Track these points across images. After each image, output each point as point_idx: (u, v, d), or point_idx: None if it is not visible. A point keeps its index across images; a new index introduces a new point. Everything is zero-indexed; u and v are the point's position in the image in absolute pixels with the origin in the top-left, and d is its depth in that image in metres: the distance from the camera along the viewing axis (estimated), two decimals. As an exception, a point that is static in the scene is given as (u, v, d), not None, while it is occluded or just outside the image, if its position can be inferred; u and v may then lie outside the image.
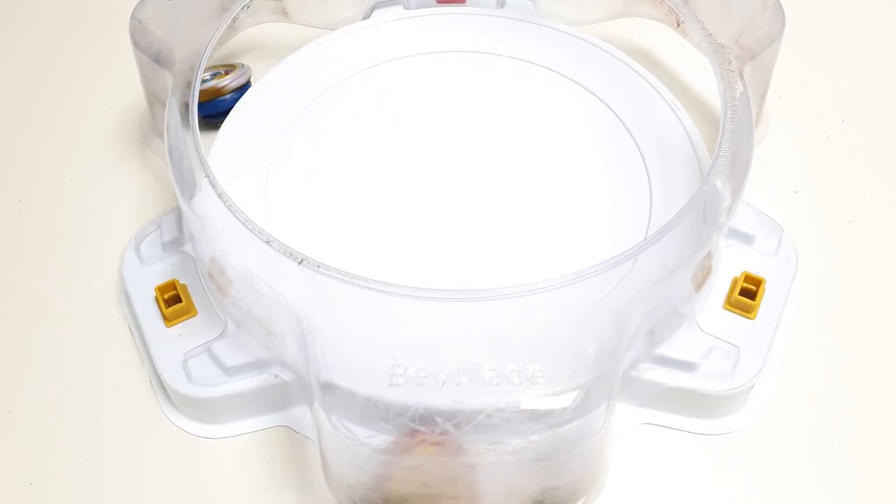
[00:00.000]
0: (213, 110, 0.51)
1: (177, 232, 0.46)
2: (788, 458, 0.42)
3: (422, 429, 0.35)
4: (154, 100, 0.49)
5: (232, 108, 0.50)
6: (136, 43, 0.47)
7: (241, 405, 0.42)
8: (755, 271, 0.45)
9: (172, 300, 0.44)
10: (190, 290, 0.44)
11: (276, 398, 0.42)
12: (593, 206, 0.47)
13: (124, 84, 0.54)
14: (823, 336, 0.46)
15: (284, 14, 0.54)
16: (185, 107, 0.44)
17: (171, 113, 0.44)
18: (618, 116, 0.50)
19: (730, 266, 0.45)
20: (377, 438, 0.36)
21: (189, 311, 0.44)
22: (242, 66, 0.52)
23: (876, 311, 0.47)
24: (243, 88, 0.52)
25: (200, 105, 0.46)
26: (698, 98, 0.53)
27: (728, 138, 0.42)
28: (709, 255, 0.42)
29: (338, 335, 0.37)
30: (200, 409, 0.43)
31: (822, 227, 0.49)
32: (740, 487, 0.42)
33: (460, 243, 0.45)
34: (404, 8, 0.55)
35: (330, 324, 0.37)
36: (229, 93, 0.51)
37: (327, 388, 0.37)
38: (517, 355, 0.37)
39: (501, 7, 0.55)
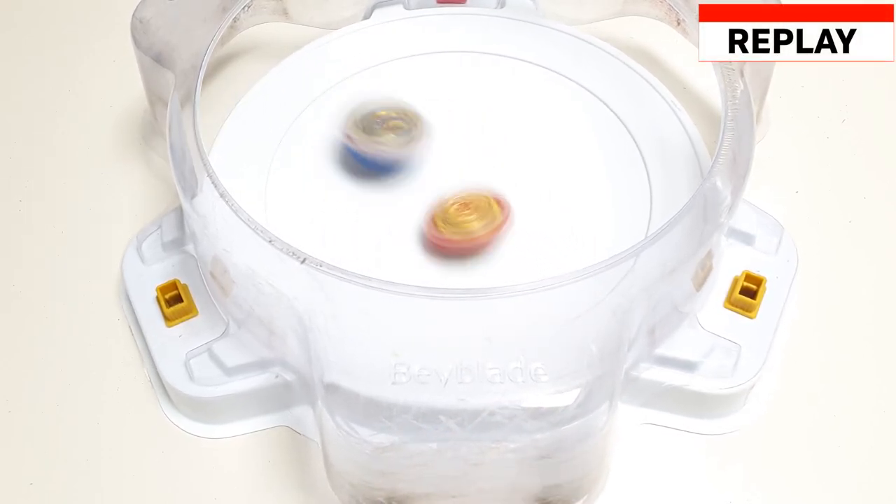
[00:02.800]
0: (372, 166, 0.48)
1: (178, 232, 0.46)
2: (788, 458, 0.42)
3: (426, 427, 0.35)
4: (155, 99, 0.49)
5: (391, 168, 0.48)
6: (137, 43, 0.47)
7: (242, 405, 0.42)
8: (756, 270, 0.45)
9: (174, 300, 0.44)
10: (191, 289, 0.44)
11: (277, 398, 0.42)
12: (593, 206, 0.47)
13: (124, 84, 0.54)
14: (823, 336, 0.46)
15: (285, 14, 0.54)
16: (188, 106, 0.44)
17: (173, 113, 0.44)
18: (618, 116, 0.50)
19: (730, 265, 0.45)
20: (381, 437, 0.36)
21: (190, 311, 0.44)
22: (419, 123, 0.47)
23: (876, 311, 0.47)
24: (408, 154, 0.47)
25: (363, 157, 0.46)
26: (698, 97, 0.53)
27: (729, 136, 0.42)
28: (709, 254, 0.42)
29: (340, 334, 0.37)
30: (201, 409, 0.43)
31: (822, 227, 0.49)
32: (740, 487, 0.42)
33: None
34: (404, 8, 0.55)
35: (332, 323, 0.37)
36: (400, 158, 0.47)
37: (330, 387, 0.37)
38: (519, 354, 0.37)
39: (501, 7, 0.55)
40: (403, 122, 0.48)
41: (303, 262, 0.38)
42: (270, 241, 0.38)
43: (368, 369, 0.36)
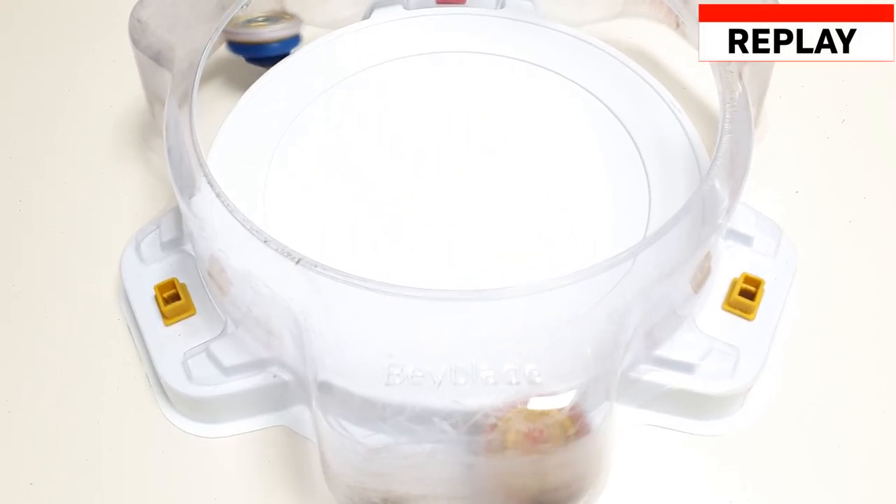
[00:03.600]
0: (255, 54, 0.53)
1: (176, 231, 0.46)
2: (788, 458, 0.42)
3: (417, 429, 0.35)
4: (154, 99, 0.49)
5: (277, 55, 0.52)
6: (135, 42, 0.47)
7: (240, 405, 0.43)
8: (754, 272, 0.45)
9: (172, 298, 0.44)
10: (189, 289, 0.44)
11: (275, 398, 0.42)
12: (593, 206, 0.47)
13: (124, 84, 0.54)
14: (823, 337, 0.46)
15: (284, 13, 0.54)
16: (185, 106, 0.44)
17: (171, 113, 0.44)
18: (617, 117, 0.50)
19: (729, 267, 0.45)
20: (375, 438, 0.36)
21: (188, 310, 0.44)
22: (295, 18, 0.53)
23: (876, 311, 0.46)
24: (291, 41, 0.52)
25: (241, 47, 0.50)
26: (698, 98, 0.53)
27: (727, 139, 0.42)
28: (708, 256, 0.42)
29: (335, 335, 0.37)
30: (199, 409, 0.43)
31: (822, 227, 0.49)
32: (739, 488, 0.42)
33: (459, 243, 0.45)
34: (404, 8, 0.55)
35: (327, 323, 0.37)
36: (271, 42, 0.52)
37: (324, 387, 0.37)
38: (514, 355, 0.37)
39: (501, 7, 0.55)
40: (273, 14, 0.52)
41: (297, 262, 0.38)
42: (266, 242, 0.38)
43: (362, 370, 0.36)
